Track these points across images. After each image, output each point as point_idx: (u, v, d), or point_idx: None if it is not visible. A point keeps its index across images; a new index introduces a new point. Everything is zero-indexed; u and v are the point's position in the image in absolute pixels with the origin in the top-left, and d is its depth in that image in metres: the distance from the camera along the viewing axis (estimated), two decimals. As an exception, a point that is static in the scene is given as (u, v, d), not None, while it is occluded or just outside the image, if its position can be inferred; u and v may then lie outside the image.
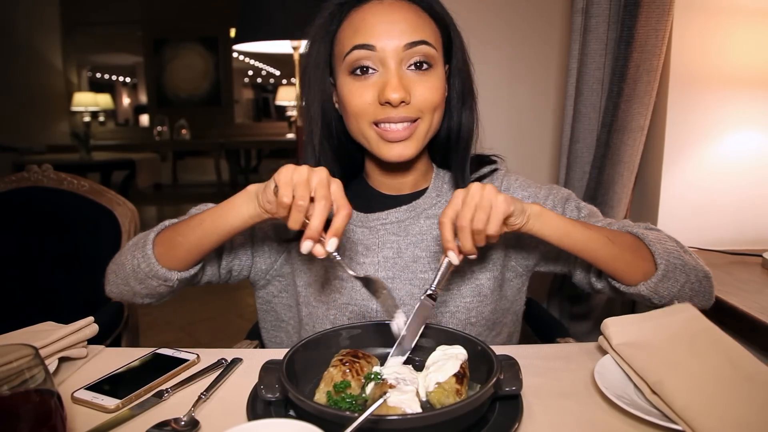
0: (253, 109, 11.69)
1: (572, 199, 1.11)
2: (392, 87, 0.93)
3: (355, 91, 0.96)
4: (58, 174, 1.69)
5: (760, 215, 1.65)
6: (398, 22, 0.94)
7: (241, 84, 10.97)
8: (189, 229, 0.95)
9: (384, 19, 0.95)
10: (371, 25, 0.95)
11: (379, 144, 0.99)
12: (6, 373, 0.57)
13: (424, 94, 0.96)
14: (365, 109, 0.96)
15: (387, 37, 0.94)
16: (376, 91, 0.95)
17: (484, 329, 1.10)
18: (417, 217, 1.08)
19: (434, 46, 0.97)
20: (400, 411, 0.68)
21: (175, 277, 0.97)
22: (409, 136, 0.97)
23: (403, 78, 0.95)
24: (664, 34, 1.44)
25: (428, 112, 0.98)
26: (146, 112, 10.32)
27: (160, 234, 0.98)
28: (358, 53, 0.95)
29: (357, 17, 0.97)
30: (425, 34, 0.96)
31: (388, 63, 0.94)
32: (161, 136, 8.86)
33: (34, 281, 1.67)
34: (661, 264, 0.94)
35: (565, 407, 0.78)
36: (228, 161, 9.04)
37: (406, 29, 0.94)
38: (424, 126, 0.99)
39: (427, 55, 0.96)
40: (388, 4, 0.97)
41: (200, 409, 0.80)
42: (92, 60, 10.40)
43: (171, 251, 0.96)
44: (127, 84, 11.76)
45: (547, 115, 2.04)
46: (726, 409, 0.70)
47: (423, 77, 0.96)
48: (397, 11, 0.96)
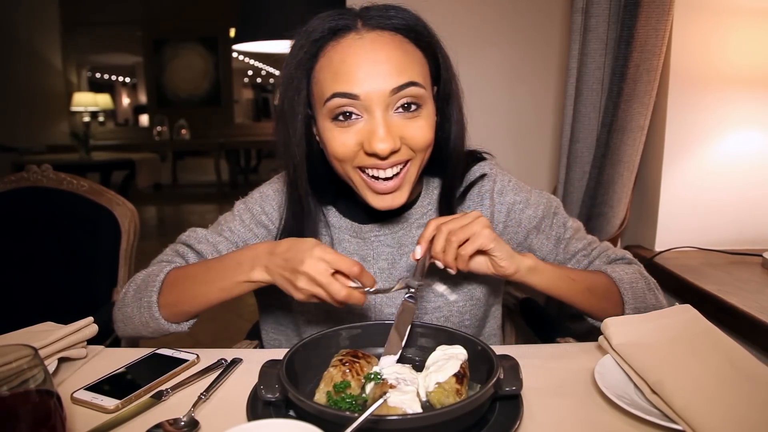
0: (252, 109, 11.69)
1: (560, 214, 1.12)
2: (379, 138, 0.86)
3: (338, 137, 0.89)
4: (58, 174, 1.68)
5: (760, 215, 1.65)
6: (382, 63, 0.86)
7: (240, 84, 10.98)
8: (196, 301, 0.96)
9: (366, 61, 0.86)
10: (352, 70, 0.85)
11: (367, 192, 0.94)
12: (5, 373, 0.57)
13: (415, 137, 0.89)
14: (349, 156, 0.90)
15: (370, 83, 0.85)
16: (360, 138, 0.88)
17: (476, 330, 1.12)
18: (409, 227, 1.07)
19: (423, 85, 0.89)
20: (401, 411, 0.68)
21: (186, 328, 1.01)
22: (399, 186, 0.92)
23: (391, 125, 0.87)
24: (664, 34, 1.44)
25: (420, 152, 0.92)
26: (146, 112, 10.33)
27: (163, 294, 0.97)
28: (340, 101, 0.86)
29: (336, 57, 0.87)
30: (412, 73, 0.87)
31: (373, 110, 0.86)
32: (161, 136, 8.86)
33: (33, 281, 1.67)
34: (627, 312, 1.01)
35: (566, 407, 0.78)
36: (228, 161, 9.04)
37: (391, 71, 0.85)
38: (415, 167, 0.93)
39: (416, 96, 0.88)
40: (369, 41, 0.87)
41: (200, 410, 0.79)
42: (92, 60, 10.40)
43: (179, 315, 0.99)
44: (126, 84, 11.77)
45: (547, 115, 2.05)
46: (726, 409, 0.70)
47: (412, 121, 0.89)
48: (379, 50, 0.86)
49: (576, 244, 1.09)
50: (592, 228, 1.65)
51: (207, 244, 1.08)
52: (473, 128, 1.12)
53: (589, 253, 1.09)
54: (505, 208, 1.09)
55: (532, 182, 1.17)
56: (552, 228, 1.10)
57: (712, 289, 1.30)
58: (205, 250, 1.07)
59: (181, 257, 1.07)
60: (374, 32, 0.88)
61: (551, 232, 1.09)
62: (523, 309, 1.43)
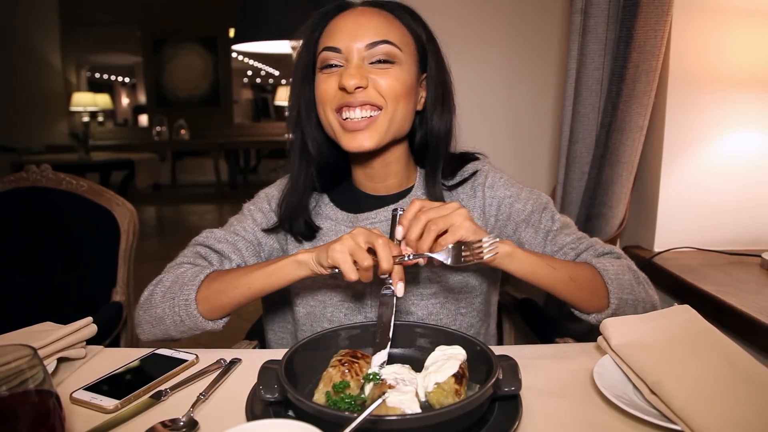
0: (252, 110, 11.69)
1: (549, 209, 1.13)
2: (348, 74, 0.99)
3: (323, 83, 1.03)
4: (57, 174, 1.68)
5: (758, 215, 1.65)
6: (363, 24, 1.01)
7: (240, 84, 10.97)
8: (237, 292, 0.99)
9: (351, 22, 1.02)
10: (339, 30, 1.02)
11: (342, 134, 1.03)
12: (5, 373, 0.57)
13: (382, 84, 1.00)
14: (328, 97, 1.02)
15: (351, 39, 1.01)
16: (336, 79, 1.01)
17: (476, 320, 1.13)
18: None
19: (398, 47, 1.02)
20: (400, 411, 0.68)
21: (221, 325, 1.03)
22: (367, 127, 1.01)
23: (362, 68, 1.00)
24: (663, 35, 1.45)
25: (390, 101, 1.01)
26: (145, 112, 10.32)
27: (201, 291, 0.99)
28: (326, 54, 1.02)
29: (332, 24, 1.04)
30: (389, 35, 1.01)
31: (352, 59, 1.01)
32: (160, 136, 8.86)
33: (33, 281, 1.66)
34: (613, 303, 1.00)
35: (565, 407, 0.78)
36: (227, 161, 9.04)
37: (369, 31, 1.01)
38: (385, 117, 1.02)
39: (389, 53, 1.01)
40: (360, 11, 1.05)
41: (199, 410, 0.80)
42: (91, 60, 10.40)
43: (217, 310, 1.01)
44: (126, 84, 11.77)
45: (546, 116, 2.05)
46: (724, 409, 0.70)
47: (384, 70, 1.01)
48: (364, 15, 1.03)
49: (564, 238, 1.10)
50: (591, 228, 1.65)
51: (226, 243, 1.10)
52: (473, 128, 1.13)
53: (576, 247, 1.09)
54: (496, 202, 1.12)
55: (531, 182, 1.18)
56: (541, 222, 1.11)
57: (711, 290, 1.30)
58: (226, 249, 1.09)
59: (203, 258, 1.10)
60: (368, 5, 1.06)
61: (540, 225, 1.11)
62: (522, 309, 1.43)
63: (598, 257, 1.07)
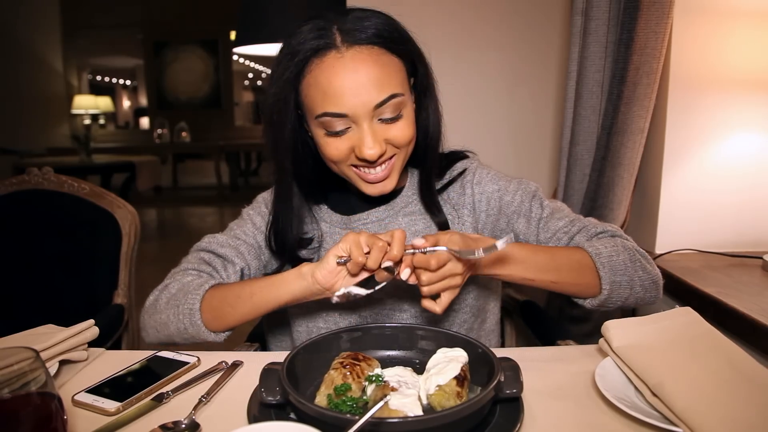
0: (253, 112, 11.70)
1: (538, 196, 1.13)
2: (368, 146, 0.95)
3: (331, 144, 0.99)
4: (59, 177, 1.69)
5: (760, 217, 1.65)
6: (365, 84, 0.94)
7: (241, 87, 11.00)
8: (240, 302, 0.99)
9: (349, 81, 0.94)
10: (338, 92, 0.94)
11: (361, 183, 1.03)
12: (7, 376, 0.57)
13: (397, 138, 0.98)
14: (343, 160, 1.00)
15: (356, 102, 0.94)
16: (351, 144, 0.98)
17: (469, 316, 1.12)
18: (395, 215, 1.12)
19: (402, 92, 0.97)
20: (402, 414, 0.68)
21: (223, 338, 1.03)
22: (388, 175, 1.02)
23: (377, 132, 0.97)
24: (663, 37, 1.45)
25: (404, 147, 1.01)
26: (146, 115, 10.35)
27: (205, 300, 1.00)
28: (330, 120, 0.96)
29: (321, 77, 0.95)
30: (392, 85, 0.96)
31: (360, 122, 0.96)
32: (161, 138, 8.87)
33: (34, 284, 1.67)
34: (605, 288, 0.99)
35: (566, 409, 0.78)
36: (228, 164, 9.04)
37: (373, 88, 0.94)
38: (400, 160, 1.02)
39: (397, 104, 0.97)
40: (350, 60, 0.94)
41: (201, 412, 0.80)
42: (92, 63, 10.43)
43: (219, 320, 1.00)
44: (127, 87, 11.79)
45: (547, 118, 2.05)
46: (726, 411, 0.70)
47: (395, 125, 0.98)
48: (360, 68, 0.94)
49: (556, 222, 1.09)
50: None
51: (229, 247, 1.12)
52: (474, 130, 1.13)
53: (569, 230, 1.08)
54: (485, 197, 1.13)
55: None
56: (532, 210, 1.11)
57: (713, 292, 1.30)
58: (228, 253, 1.11)
59: (207, 263, 1.10)
60: (353, 49, 0.95)
61: (531, 214, 1.10)
62: (524, 311, 1.43)
63: (591, 238, 1.06)
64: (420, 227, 1.11)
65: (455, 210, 1.14)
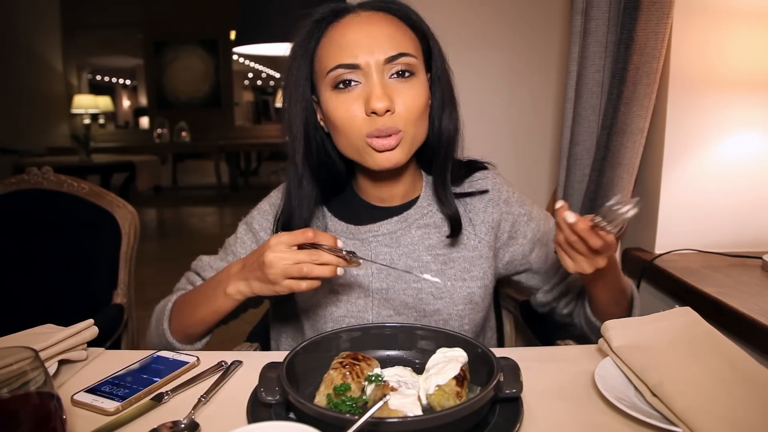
0: (253, 112, 11.71)
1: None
2: (377, 96, 0.93)
3: (341, 105, 0.96)
4: (58, 176, 1.69)
5: (759, 217, 1.65)
6: (377, 37, 0.95)
7: (241, 86, 11.00)
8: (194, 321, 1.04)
9: (364, 34, 0.95)
10: (352, 43, 0.95)
11: (370, 153, 0.98)
12: (6, 375, 0.57)
13: (407, 102, 0.95)
14: (353, 123, 0.96)
15: (368, 53, 0.94)
16: (361, 102, 0.95)
17: (473, 335, 1.11)
18: (408, 227, 1.08)
19: (414, 56, 0.97)
20: (401, 414, 0.68)
21: (199, 346, 1.08)
22: (396, 144, 0.97)
23: (387, 87, 0.95)
24: (663, 37, 1.45)
25: (411, 124, 0.97)
26: (146, 115, 10.35)
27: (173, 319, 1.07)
28: (341, 71, 0.95)
29: (336, 33, 0.97)
30: (405, 46, 0.96)
31: (371, 75, 0.94)
32: (161, 138, 8.87)
33: (34, 283, 1.66)
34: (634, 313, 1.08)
35: (566, 409, 0.78)
36: (228, 164, 9.04)
37: (385, 43, 0.95)
38: (410, 135, 0.98)
39: (409, 64, 0.96)
40: (366, 18, 0.97)
41: (200, 412, 0.80)
42: (92, 62, 10.43)
43: (188, 338, 1.07)
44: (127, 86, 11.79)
45: (546, 118, 2.05)
46: (726, 411, 0.70)
47: (406, 85, 0.96)
48: (375, 25, 0.96)
49: None
50: (592, 230, 1.65)
51: (211, 270, 1.13)
52: (473, 131, 1.13)
53: None
54: (511, 218, 1.11)
55: (532, 184, 1.19)
56: (549, 244, 1.12)
57: (712, 292, 1.30)
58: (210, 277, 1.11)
59: (192, 285, 1.14)
60: (370, 12, 0.99)
61: (549, 244, 1.12)
62: (523, 311, 1.43)
63: None
64: (434, 241, 1.08)
65: (473, 225, 1.10)
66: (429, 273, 1.05)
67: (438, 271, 1.06)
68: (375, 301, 1.06)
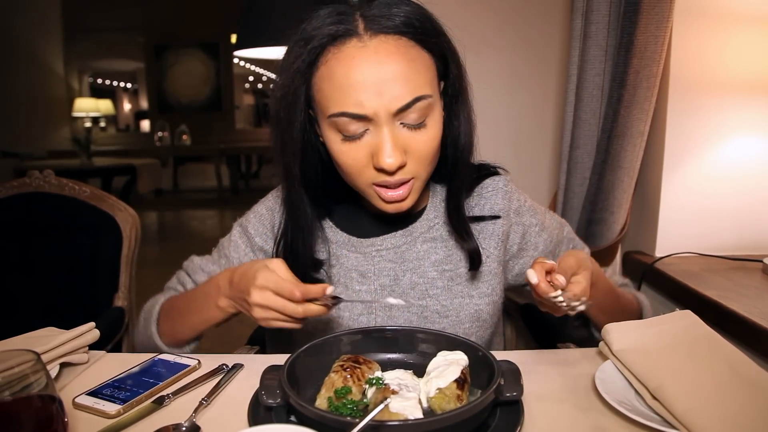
0: (253, 115, 11.71)
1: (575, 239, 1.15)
2: (387, 154, 0.84)
3: (347, 152, 0.87)
4: (60, 179, 1.69)
5: (760, 220, 1.65)
6: (387, 80, 0.82)
7: (241, 90, 11.01)
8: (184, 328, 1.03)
9: (371, 78, 0.82)
10: (358, 89, 0.82)
11: (379, 201, 0.92)
12: (7, 378, 0.58)
13: (419, 151, 0.87)
14: (360, 171, 0.89)
15: (377, 100, 0.82)
16: (368, 152, 0.86)
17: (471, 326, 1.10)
18: (413, 241, 1.03)
19: (429, 94, 0.86)
20: (402, 417, 0.68)
21: (188, 349, 1.06)
22: (407, 195, 0.91)
23: (398, 138, 0.85)
24: (663, 41, 1.45)
25: (423, 168, 0.90)
26: (147, 118, 10.36)
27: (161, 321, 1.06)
28: (346, 120, 0.84)
29: (338, 70, 0.83)
30: (419, 86, 0.84)
31: (381, 126, 0.84)
32: (162, 141, 8.88)
33: (35, 286, 1.67)
34: None
35: (566, 412, 0.78)
36: (228, 167, 9.05)
37: (397, 87, 0.82)
38: (420, 182, 0.92)
39: (423, 108, 0.85)
40: (374, 50, 0.83)
41: (201, 415, 0.80)
42: (93, 66, 10.44)
43: (178, 342, 1.05)
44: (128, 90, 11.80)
45: (547, 121, 2.05)
46: (726, 414, 0.70)
47: (419, 132, 0.87)
48: (384, 62, 0.82)
49: None
50: (592, 233, 1.65)
51: (202, 273, 1.11)
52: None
53: None
54: (521, 229, 1.06)
55: (532, 188, 1.18)
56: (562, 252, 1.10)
57: (713, 295, 1.30)
58: (201, 280, 1.10)
59: (183, 285, 1.13)
60: (377, 38, 0.83)
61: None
62: (524, 314, 1.43)
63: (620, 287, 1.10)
64: (440, 256, 1.02)
65: (484, 239, 1.04)
66: (435, 289, 1.01)
67: (444, 287, 1.02)
68: (378, 318, 1.02)
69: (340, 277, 1.03)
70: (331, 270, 1.03)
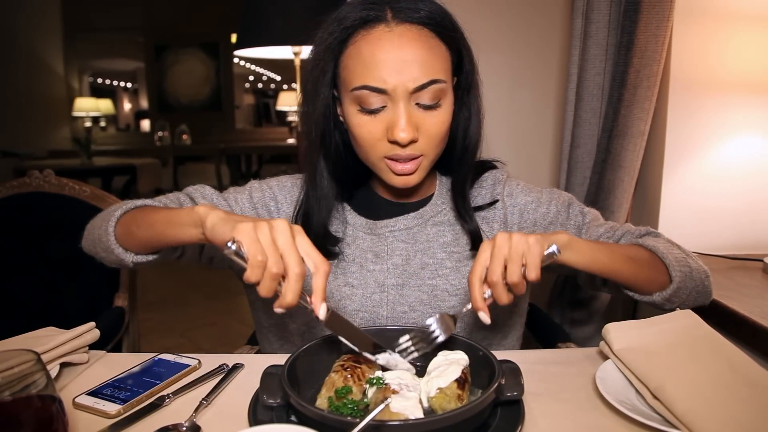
0: (253, 115, 11.70)
1: (575, 204, 1.13)
2: (401, 127, 0.92)
3: (364, 125, 0.96)
4: (60, 179, 1.69)
5: (760, 220, 1.65)
6: (408, 61, 0.91)
7: (242, 89, 10.99)
8: (143, 226, 0.93)
9: (394, 58, 0.91)
10: (381, 65, 0.91)
11: (387, 174, 0.99)
12: (8, 378, 0.57)
13: (430, 130, 0.95)
14: (374, 144, 0.96)
15: (396, 77, 0.91)
16: (384, 126, 0.95)
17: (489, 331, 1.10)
18: (424, 224, 1.09)
19: (445, 80, 0.95)
20: (403, 417, 0.68)
21: (130, 260, 0.96)
22: (415, 170, 0.98)
23: (412, 115, 0.94)
24: (663, 40, 1.45)
25: (432, 149, 0.98)
26: (147, 118, 10.35)
27: (124, 215, 0.96)
28: (367, 94, 0.93)
29: (365, 49, 0.93)
30: (435, 70, 0.93)
31: (397, 102, 0.93)
32: (162, 141, 8.88)
33: (35, 286, 1.67)
34: (675, 277, 0.96)
35: (567, 412, 0.78)
36: (229, 166, 9.04)
37: (416, 69, 0.92)
38: (428, 161, 1.00)
39: (437, 91, 0.94)
40: (398, 35, 0.92)
41: (201, 415, 0.80)
42: (93, 65, 10.42)
43: (128, 237, 0.95)
44: (128, 89, 11.79)
45: (547, 120, 2.05)
46: (727, 414, 0.70)
47: (431, 113, 0.95)
48: (407, 47, 0.92)
49: (598, 229, 1.09)
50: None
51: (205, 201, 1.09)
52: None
53: (612, 234, 1.07)
54: (517, 210, 1.11)
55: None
56: (569, 218, 1.10)
57: (713, 294, 1.29)
58: None
59: (178, 204, 1.08)
60: (403, 26, 0.93)
61: (569, 222, 1.10)
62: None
63: (637, 239, 1.05)
64: (448, 238, 1.08)
65: (486, 223, 1.10)
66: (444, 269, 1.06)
67: (453, 268, 1.06)
68: (390, 297, 1.05)
69: (355, 257, 1.07)
70: (347, 249, 1.08)
